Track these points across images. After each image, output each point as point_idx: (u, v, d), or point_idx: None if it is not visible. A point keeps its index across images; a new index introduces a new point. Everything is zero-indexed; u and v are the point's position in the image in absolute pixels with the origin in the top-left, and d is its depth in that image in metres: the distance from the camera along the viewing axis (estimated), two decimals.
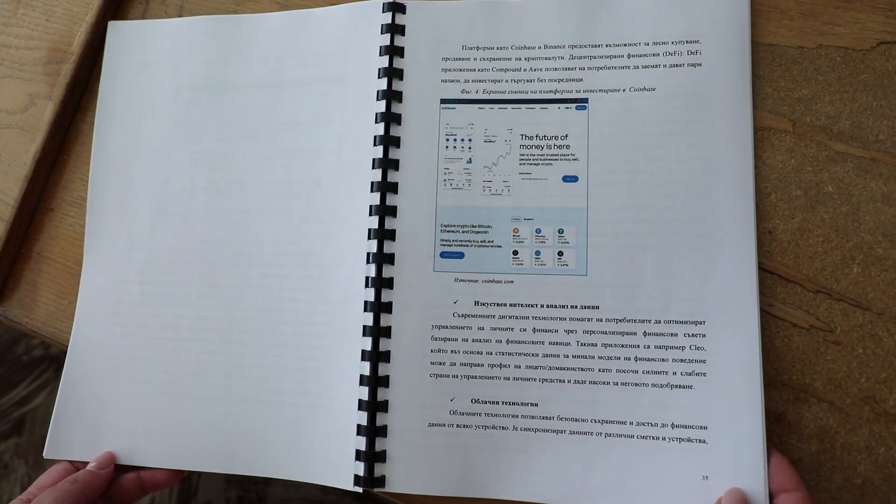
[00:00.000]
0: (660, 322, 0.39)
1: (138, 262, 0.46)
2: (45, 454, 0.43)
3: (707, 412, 0.38)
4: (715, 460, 0.37)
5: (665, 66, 0.42)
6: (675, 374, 0.39)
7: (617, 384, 0.39)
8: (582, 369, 0.40)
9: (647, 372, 0.39)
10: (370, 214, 0.42)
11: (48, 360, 0.71)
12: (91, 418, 0.44)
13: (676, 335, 0.39)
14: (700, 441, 0.38)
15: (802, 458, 0.38)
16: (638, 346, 0.39)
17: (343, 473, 0.40)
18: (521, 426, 0.40)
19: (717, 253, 0.39)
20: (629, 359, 0.39)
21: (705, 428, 0.38)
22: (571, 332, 0.40)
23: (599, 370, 0.40)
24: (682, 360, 0.39)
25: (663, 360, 0.39)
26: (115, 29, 0.49)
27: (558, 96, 0.43)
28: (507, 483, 0.39)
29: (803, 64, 0.42)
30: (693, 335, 0.39)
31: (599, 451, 0.39)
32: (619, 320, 0.40)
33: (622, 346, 0.40)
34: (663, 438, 0.38)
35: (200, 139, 0.46)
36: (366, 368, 0.40)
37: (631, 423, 0.39)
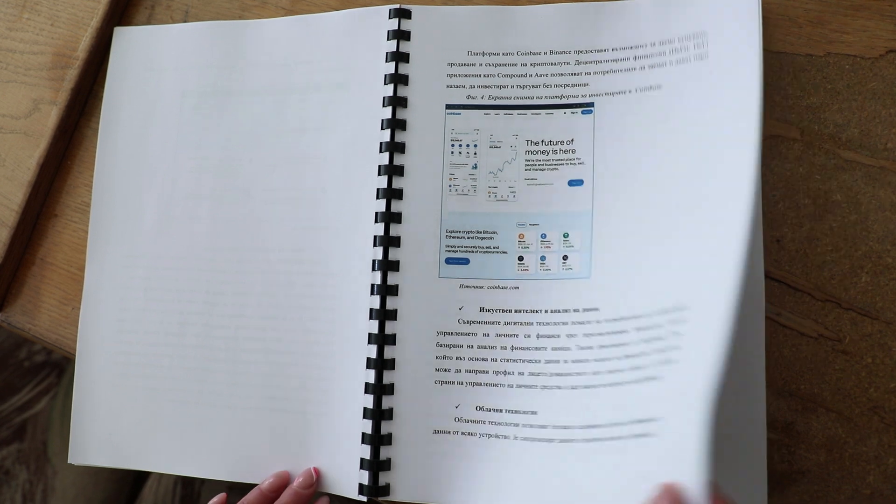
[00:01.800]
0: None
1: (143, 268, 0.45)
2: (70, 460, 0.44)
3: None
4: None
5: (671, 62, 0.41)
6: None
7: (608, 385, 0.38)
8: (579, 374, 0.39)
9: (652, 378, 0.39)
10: (375, 221, 0.42)
11: (50, 366, 0.70)
12: (104, 425, 0.44)
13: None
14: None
15: (811, 469, 0.38)
16: (634, 349, 0.38)
17: (347, 482, 0.40)
18: (521, 435, 0.39)
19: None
20: (620, 358, 0.38)
21: None
22: (572, 336, 0.40)
23: (593, 373, 0.38)
24: None
25: None
26: (121, 34, 0.49)
27: (564, 101, 0.43)
28: (512, 492, 0.39)
29: (812, 72, 0.41)
30: None
31: (585, 456, 0.37)
32: (616, 320, 0.39)
33: (616, 345, 0.38)
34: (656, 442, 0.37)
35: (205, 145, 0.46)
36: (371, 376, 0.40)
37: (619, 425, 0.37)
